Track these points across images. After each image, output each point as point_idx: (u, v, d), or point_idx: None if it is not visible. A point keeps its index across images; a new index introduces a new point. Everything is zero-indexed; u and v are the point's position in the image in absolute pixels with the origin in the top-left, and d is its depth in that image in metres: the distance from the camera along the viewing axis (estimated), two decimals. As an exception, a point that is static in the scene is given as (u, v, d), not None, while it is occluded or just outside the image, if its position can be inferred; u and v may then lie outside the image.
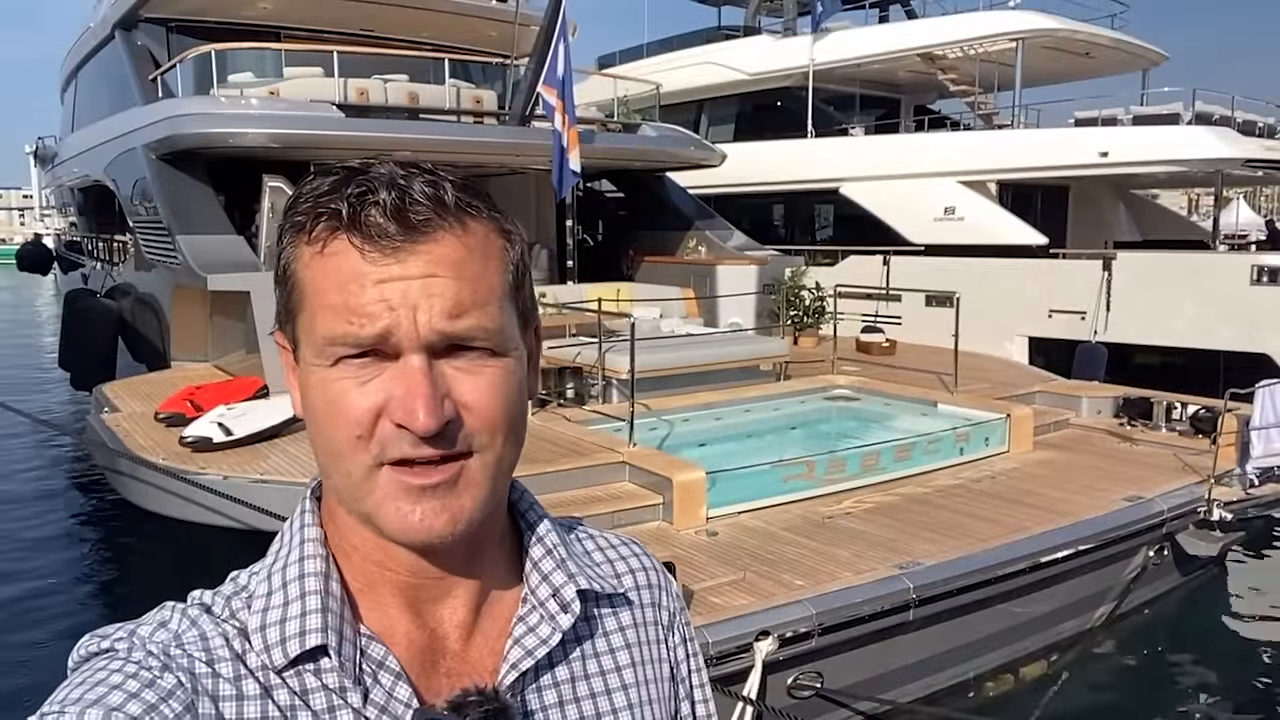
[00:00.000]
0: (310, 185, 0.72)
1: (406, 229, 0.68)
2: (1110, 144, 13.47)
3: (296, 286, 0.71)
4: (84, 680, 0.66)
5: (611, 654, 0.84)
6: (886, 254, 14.37)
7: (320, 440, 0.72)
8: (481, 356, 0.71)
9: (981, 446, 7.39)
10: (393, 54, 11.66)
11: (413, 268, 0.68)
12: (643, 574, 0.91)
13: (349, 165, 0.71)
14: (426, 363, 0.68)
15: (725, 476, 6.08)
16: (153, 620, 0.72)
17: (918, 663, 5.13)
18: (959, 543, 5.37)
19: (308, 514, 0.78)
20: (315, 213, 0.70)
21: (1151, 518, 5.97)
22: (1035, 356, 12.73)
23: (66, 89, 17.29)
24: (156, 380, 9.13)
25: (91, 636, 0.71)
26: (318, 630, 0.71)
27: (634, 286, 11.97)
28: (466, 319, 0.69)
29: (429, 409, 0.67)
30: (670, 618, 0.91)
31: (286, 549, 0.77)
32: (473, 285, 0.70)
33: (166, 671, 0.67)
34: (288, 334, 0.74)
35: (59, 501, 9.81)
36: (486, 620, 0.79)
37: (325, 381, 0.70)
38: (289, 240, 0.72)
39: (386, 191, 0.68)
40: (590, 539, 0.92)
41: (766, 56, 18.45)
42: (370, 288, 0.67)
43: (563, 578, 0.81)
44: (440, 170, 0.72)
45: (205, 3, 11.52)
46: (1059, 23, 15.64)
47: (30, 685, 5.84)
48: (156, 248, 9.88)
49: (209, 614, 0.73)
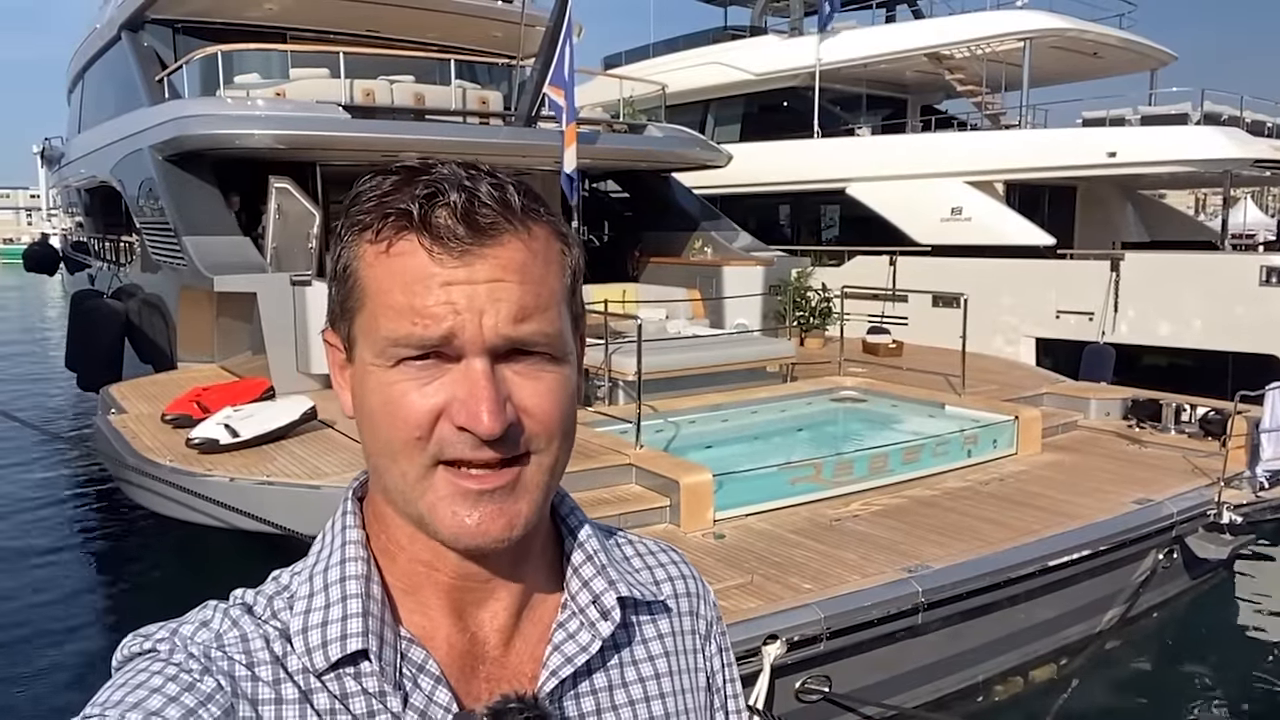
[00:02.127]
0: (371, 184, 0.71)
1: (475, 231, 0.68)
2: (1118, 144, 13.42)
3: (358, 285, 0.70)
4: (125, 682, 0.66)
5: (650, 662, 0.83)
6: (893, 255, 14.34)
7: (376, 441, 0.71)
8: (540, 361, 0.71)
9: (989, 449, 7.36)
10: (399, 55, 11.66)
11: (479, 271, 0.68)
12: (681, 582, 0.90)
13: (408, 164, 0.71)
14: (489, 366, 0.68)
15: (732, 479, 6.07)
16: (195, 620, 0.72)
17: (926, 666, 5.10)
18: (967, 545, 5.35)
19: (349, 515, 0.78)
20: (382, 212, 0.69)
21: (1161, 520, 5.94)
22: (1043, 358, 12.69)
23: (73, 90, 17.32)
24: (163, 381, 9.14)
25: (135, 636, 0.70)
26: (358, 634, 0.70)
27: (640, 288, 11.95)
28: (529, 324, 0.69)
29: (493, 412, 0.67)
30: (707, 627, 0.91)
31: (328, 550, 0.76)
32: (536, 290, 0.70)
33: (207, 675, 0.66)
34: (341, 333, 0.74)
35: (64, 503, 9.82)
36: (527, 625, 0.79)
37: (385, 383, 0.69)
38: (350, 238, 0.71)
39: (456, 193, 0.68)
40: (630, 544, 0.91)
41: (773, 56, 18.41)
42: (436, 289, 0.67)
43: (603, 584, 0.80)
44: (499, 172, 0.72)
45: (211, 4, 11.53)
46: (1067, 22, 15.59)
47: (43, 681, 5.85)
48: (163, 249, 9.89)
49: (250, 614, 0.73)
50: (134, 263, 11.96)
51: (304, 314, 8.29)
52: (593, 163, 11.46)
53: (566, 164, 9.59)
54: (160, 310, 10.57)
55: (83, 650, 6.28)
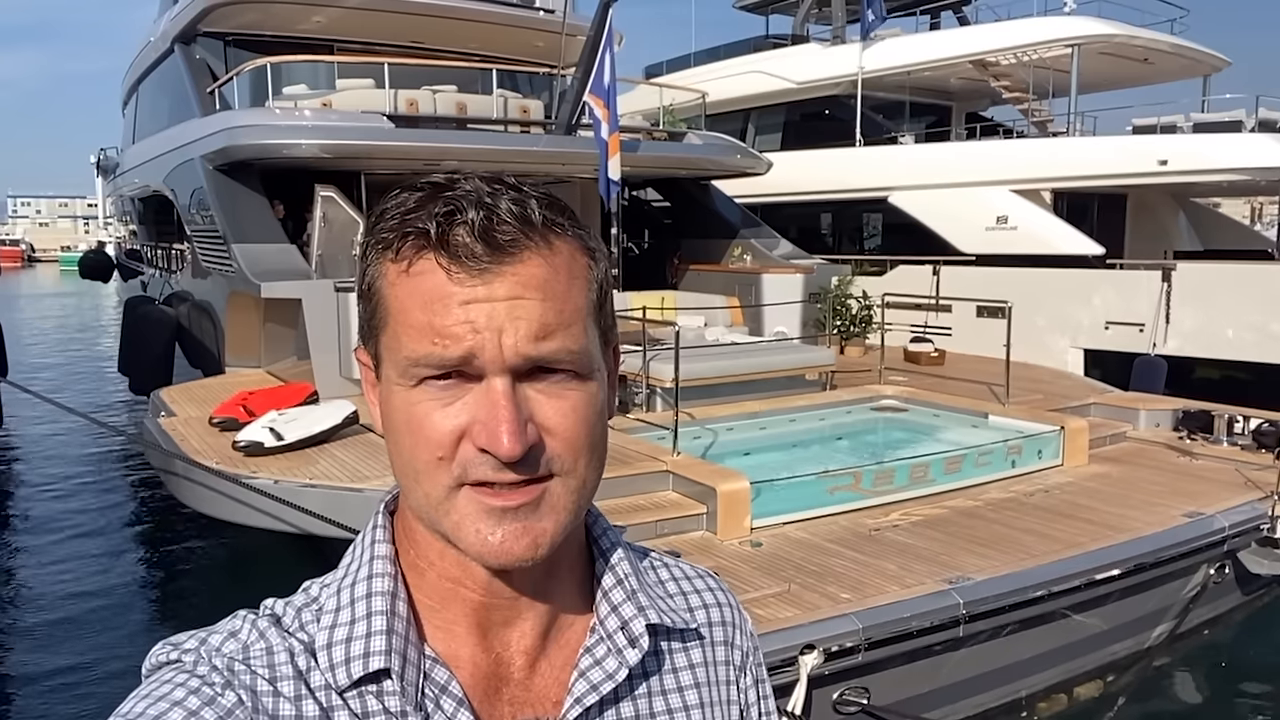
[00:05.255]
0: (395, 201, 0.71)
1: (493, 249, 0.67)
2: (1170, 152, 13.13)
3: (381, 304, 0.71)
4: (149, 693, 0.67)
5: (680, 693, 0.81)
6: (936, 263, 14.16)
7: (400, 460, 0.71)
8: (564, 379, 0.70)
9: (1034, 459, 7.23)
10: (442, 65, 11.82)
11: (498, 289, 0.67)
12: (716, 610, 0.88)
13: (434, 180, 0.71)
14: (510, 386, 0.67)
15: (770, 487, 6.02)
16: (224, 629, 0.73)
17: (967, 680, 5.01)
18: (1010, 558, 5.25)
19: (379, 529, 0.78)
20: (402, 231, 0.69)
21: (1212, 535, 5.78)
22: (1091, 369, 12.43)
23: (128, 102, 17.82)
24: (211, 385, 9.33)
25: (164, 645, 0.71)
26: (381, 652, 0.70)
27: (679, 295, 11.95)
28: (551, 341, 0.68)
29: (513, 434, 0.66)
30: (743, 658, 0.88)
31: (357, 564, 0.76)
32: (558, 306, 0.69)
33: (229, 689, 0.67)
34: (370, 351, 0.74)
35: (115, 500, 10.06)
36: (553, 648, 0.78)
37: (408, 402, 0.69)
38: (374, 257, 0.71)
39: (474, 210, 0.67)
40: (664, 567, 0.89)
41: (815, 64, 18.34)
42: (455, 309, 0.67)
43: (632, 610, 0.79)
44: (525, 185, 0.71)
45: (262, 17, 11.79)
46: (1116, 28, 15.32)
47: (84, 676, 5.99)
48: (212, 256, 10.12)
49: (278, 626, 0.73)
50: (185, 270, 12.25)
51: (347, 320, 8.42)
52: (633, 170, 11.50)
53: (611, 172, 9.65)
54: (210, 316, 10.81)
55: (124, 645, 6.41)
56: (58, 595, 7.38)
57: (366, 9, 11.73)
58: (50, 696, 5.85)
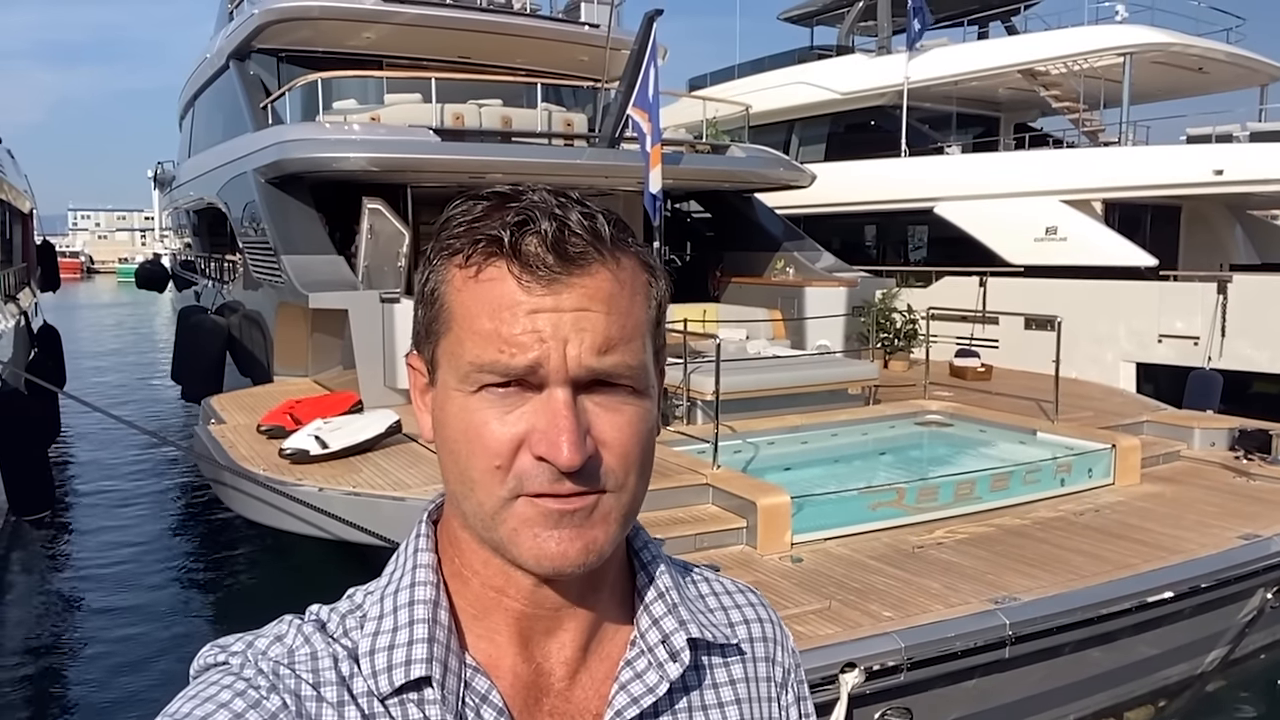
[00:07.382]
0: (461, 209, 0.71)
1: (564, 260, 0.68)
2: (1225, 162, 12.82)
3: (444, 309, 0.71)
4: (196, 694, 0.68)
5: (720, 708, 0.80)
6: (983, 275, 13.94)
7: (454, 468, 0.71)
8: (623, 394, 0.70)
9: (1084, 478, 7.07)
10: (488, 79, 11.97)
11: (566, 300, 0.67)
12: (758, 625, 0.87)
13: (500, 190, 0.71)
14: (571, 397, 0.68)
15: (811, 502, 5.97)
16: (270, 633, 0.74)
17: (1013, 703, 4.90)
18: (1059, 578, 5.13)
19: (422, 538, 0.78)
20: (473, 237, 0.69)
21: (1269, 558, 5.59)
22: (1143, 384, 12.14)
23: (184, 117, 18.32)
24: (260, 394, 9.52)
25: (212, 646, 0.72)
26: (423, 660, 0.70)
27: (720, 307, 11.93)
28: (613, 355, 0.69)
29: (573, 444, 0.66)
30: (784, 674, 0.87)
31: (400, 572, 0.76)
32: (621, 321, 0.69)
33: (274, 692, 0.67)
34: (425, 356, 0.74)
35: (164, 505, 10.30)
36: (594, 660, 0.78)
37: (466, 409, 0.69)
38: (439, 263, 0.71)
39: (547, 221, 0.68)
40: (706, 582, 0.89)
41: (860, 75, 18.24)
42: (523, 317, 0.67)
43: (673, 624, 0.78)
44: (589, 201, 0.72)
45: (314, 34, 12.05)
46: (1171, 37, 15.01)
47: (136, 676, 6.12)
48: (263, 267, 10.33)
49: (323, 631, 0.74)
50: (236, 281, 12.53)
51: (391, 330, 8.54)
52: (675, 183, 11.52)
53: (651, 185, 9.67)
54: (260, 326, 11.03)
55: (175, 646, 6.55)
56: (110, 596, 7.57)
57: (415, 25, 11.94)
58: (103, 694, 6.00)
